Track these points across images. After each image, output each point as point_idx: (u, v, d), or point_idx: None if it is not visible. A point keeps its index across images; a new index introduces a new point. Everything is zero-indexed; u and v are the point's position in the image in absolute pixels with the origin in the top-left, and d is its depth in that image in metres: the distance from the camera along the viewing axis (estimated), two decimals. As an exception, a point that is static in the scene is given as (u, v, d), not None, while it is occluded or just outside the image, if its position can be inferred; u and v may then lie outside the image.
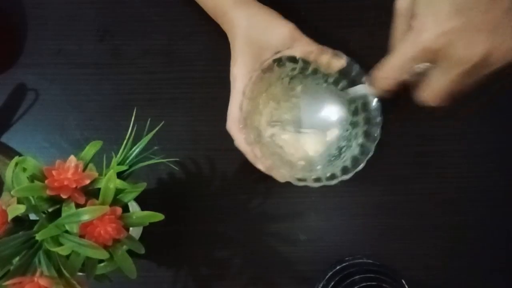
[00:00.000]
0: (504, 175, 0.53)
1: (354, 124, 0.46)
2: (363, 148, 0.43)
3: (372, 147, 0.42)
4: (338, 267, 0.48)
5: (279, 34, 0.45)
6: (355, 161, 0.43)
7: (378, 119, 0.43)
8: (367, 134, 0.44)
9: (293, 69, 0.46)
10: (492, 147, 0.53)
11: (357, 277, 0.46)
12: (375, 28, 0.55)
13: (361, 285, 0.45)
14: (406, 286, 0.45)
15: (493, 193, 0.52)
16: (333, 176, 0.42)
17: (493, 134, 0.53)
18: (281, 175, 0.44)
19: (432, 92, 0.37)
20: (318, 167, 0.46)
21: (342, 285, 0.46)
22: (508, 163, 0.53)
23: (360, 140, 0.44)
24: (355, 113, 0.45)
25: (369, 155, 0.42)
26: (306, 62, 0.45)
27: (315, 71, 0.46)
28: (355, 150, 0.44)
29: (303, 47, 0.45)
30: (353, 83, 0.44)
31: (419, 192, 0.53)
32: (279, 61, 0.44)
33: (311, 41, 0.46)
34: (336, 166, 0.44)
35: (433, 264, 0.51)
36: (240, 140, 0.45)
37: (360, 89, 0.42)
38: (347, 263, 0.49)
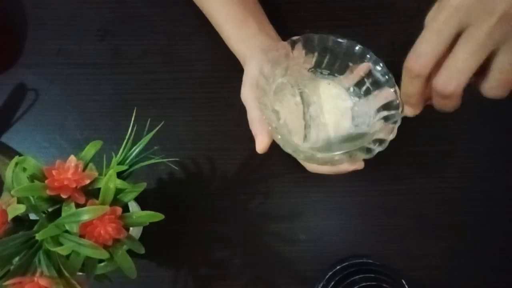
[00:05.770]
0: (504, 175, 0.53)
1: (368, 101, 0.44)
2: (388, 120, 0.42)
3: (398, 117, 0.40)
4: (338, 267, 0.48)
5: None
6: (385, 130, 0.41)
7: (394, 89, 0.41)
8: (387, 107, 0.42)
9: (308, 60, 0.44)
10: (492, 147, 0.53)
11: (357, 277, 0.46)
12: (375, 28, 0.55)
13: (361, 285, 0.45)
14: (406, 286, 0.45)
15: (493, 193, 0.52)
16: (369, 150, 0.41)
17: (493, 134, 0.53)
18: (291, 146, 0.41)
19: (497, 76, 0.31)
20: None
21: (342, 285, 0.46)
22: (508, 163, 0.53)
23: (384, 113, 0.43)
24: (367, 92, 0.44)
25: (398, 124, 0.40)
26: (321, 55, 0.44)
27: (330, 66, 0.45)
28: (377, 124, 0.43)
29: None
30: (376, 83, 0.43)
31: (419, 192, 0.53)
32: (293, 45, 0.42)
33: None
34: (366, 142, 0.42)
35: (433, 264, 0.51)
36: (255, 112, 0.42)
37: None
38: (347, 263, 0.49)
